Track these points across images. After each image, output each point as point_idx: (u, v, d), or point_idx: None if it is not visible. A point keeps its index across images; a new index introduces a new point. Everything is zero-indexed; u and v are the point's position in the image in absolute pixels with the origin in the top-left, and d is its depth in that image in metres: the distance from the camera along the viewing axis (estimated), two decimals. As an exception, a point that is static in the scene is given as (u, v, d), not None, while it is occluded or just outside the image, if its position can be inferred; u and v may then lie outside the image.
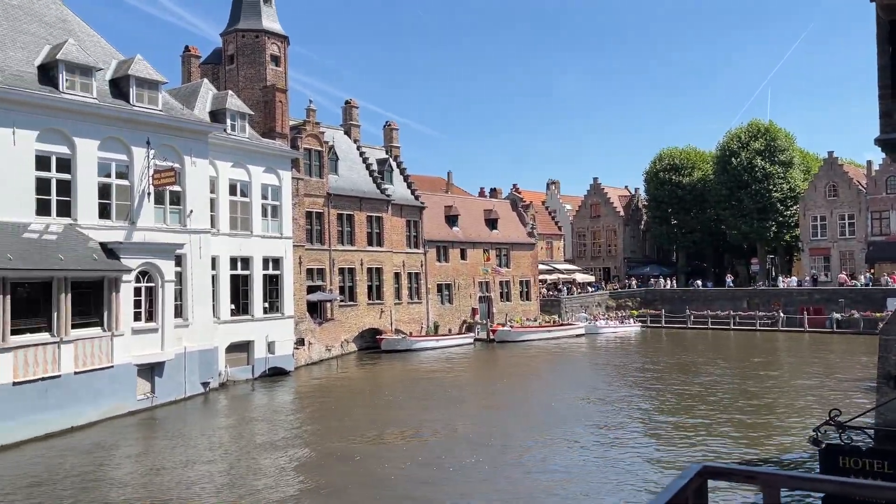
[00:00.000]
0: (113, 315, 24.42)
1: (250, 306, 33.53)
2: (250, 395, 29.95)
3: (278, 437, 22.14)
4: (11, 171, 23.04)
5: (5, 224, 22.59)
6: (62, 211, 24.65)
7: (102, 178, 25.90)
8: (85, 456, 19.95)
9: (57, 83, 24.67)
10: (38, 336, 21.90)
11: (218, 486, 16.99)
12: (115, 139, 26.21)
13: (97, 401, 23.56)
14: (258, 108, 36.81)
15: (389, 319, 45.43)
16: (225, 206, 32.32)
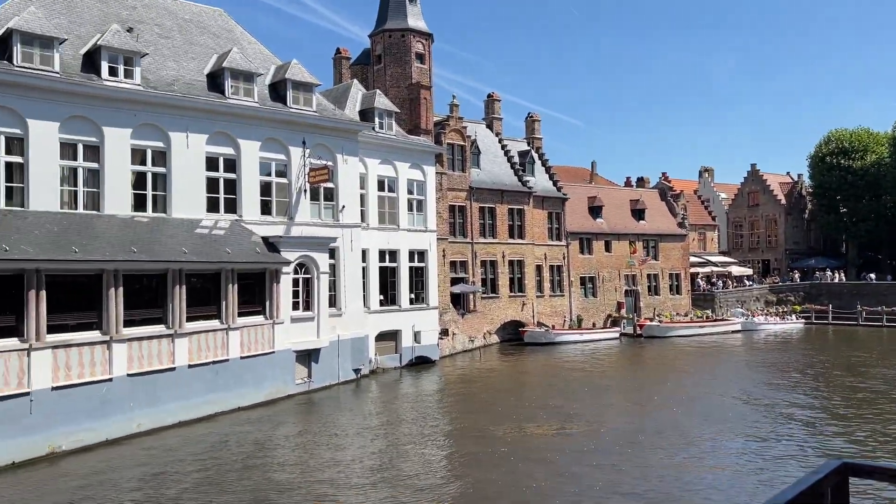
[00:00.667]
0: (274, 304, 26.18)
1: (397, 297, 34.72)
2: (398, 383, 31.05)
3: (426, 423, 22.80)
4: (186, 171, 25.30)
5: (181, 220, 24.85)
6: (229, 208, 26.75)
7: (264, 177, 27.82)
8: (250, 434, 21.59)
9: (223, 89, 26.76)
10: (209, 323, 23.91)
11: (368, 469, 17.78)
12: (275, 140, 28.06)
13: (260, 384, 25.40)
14: (404, 106, 37.94)
15: (531, 312, 45.33)
16: (374, 202, 33.66)
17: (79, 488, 16.46)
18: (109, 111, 23.52)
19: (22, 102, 21.73)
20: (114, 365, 20.60)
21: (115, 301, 20.74)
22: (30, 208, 21.67)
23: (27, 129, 21.78)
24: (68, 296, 19.92)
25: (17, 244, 18.95)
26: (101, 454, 19.27)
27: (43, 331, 18.92)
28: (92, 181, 23.40)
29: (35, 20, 22.37)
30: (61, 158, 22.65)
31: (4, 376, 18.03)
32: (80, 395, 19.65)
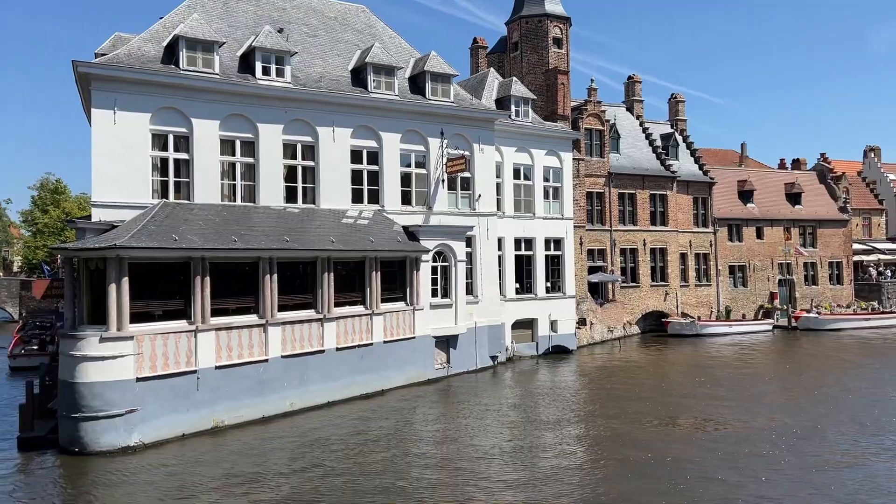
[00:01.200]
0: (414, 291, 26.90)
1: (533, 285, 34.59)
2: (535, 371, 30.98)
3: (562, 413, 22.61)
4: (333, 164, 26.48)
5: (328, 211, 26.08)
6: (372, 198, 27.74)
7: (404, 168, 28.59)
8: (393, 415, 22.38)
9: (366, 84, 27.71)
10: (354, 309, 24.97)
11: (505, 457, 17.90)
12: (414, 132, 28.73)
13: (402, 367, 26.24)
14: (540, 92, 37.57)
15: (675, 302, 43.61)
16: (509, 190, 33.66)
17: (238, 458, 17.79)
18: (263, 109, 25.05)
19: (187, 103, 23.62)
20: (269, 347, 22.03)
21: (270, 287, 22.14)
22: (195, 201, 23.56)
23: (192, 127, 23.66)
24: (228, 282, 21.48)
25: (184, 234, 20.67)
26: (258, 429, 20.72)
27: (207, 314, 20.57)
28: (248, 175, 25.06)
29: (198, 26, 24.19)
30: (221, 154, 24.43)
31: (175, 355, 19.79)
32: (239, 375, 21.21)
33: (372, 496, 15.00)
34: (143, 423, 18.87)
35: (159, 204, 22.47)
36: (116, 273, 18.75)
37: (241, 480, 16.11)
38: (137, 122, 22.70)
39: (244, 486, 15.71)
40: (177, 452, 18.56)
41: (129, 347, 18.76)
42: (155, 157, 23.23)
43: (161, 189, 23.35)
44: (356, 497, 14.93)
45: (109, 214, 21.92)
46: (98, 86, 22.20)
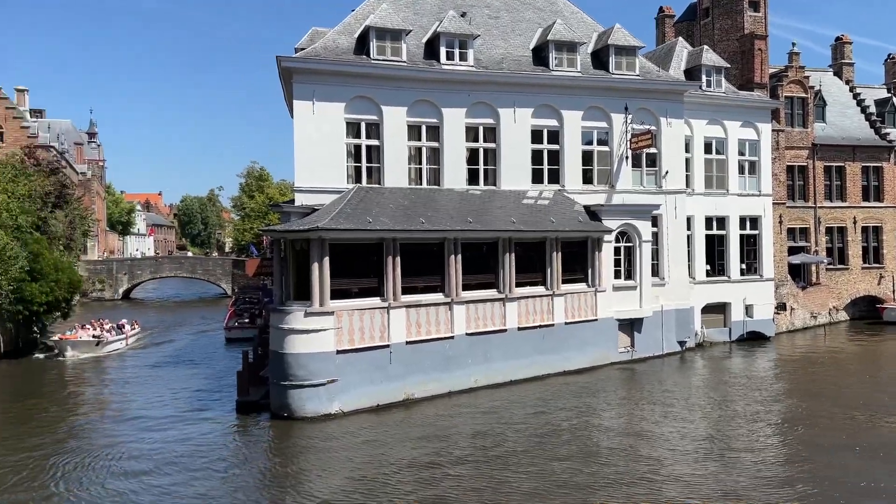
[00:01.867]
0: (596, 272, 26.40)
1: (726, 267, 32.58)
2: (727, 358, 29.27)
3: (758, 404, 21.19)
4: (514, 145, 26.58)
5: (509, 192, 26.24)
6: (552, 178, 27.50)
7: (585, 146, 28.02)
8: (575, 397, 22.23)
9: (547, 62, 27.42)
10: (535, 289, 25.01)
11: (696, 447, 17.13)
12: (597, 108, 28.01)
13: (583, 349, 25.92)
14: (734, 60, 35.07)
15: (891, 287, 39.10)
16: (699, 165, 31.86)
17: (427, 431, 18.58)
18: (447, 93, 25.66)
19: (377, 91, 24.76)
20: (455, 324, 22.71)
21: (455, 267, 22.76)
22: (385, 185, 24.74)
23: (382, 115, 24.79)
24: (417, 261, 22.37)
25: (377, 217, 21.80)
26: (445, 403, 21.50)
27: (398, 292, 21.59)
28: (433, 159, 25.84)
29: (387, 16, 25.21)
30: (409, 140, 25.39)
31: (370, 330, 21.01)
32: (428, 350, 22.09)
33: (557, 480, 15.00)
34: (343, 393, 20.27)
35: (354, 188, 23.84)
36: (319, 253, 20.20)
37: (428, 452, 16.82)
38: (333, 112, 24.18)
39: (431, 458, 16.37)
40: (372, 421, 19.76)
41: (330, 322, 20.19)
42: (349, 144, 24.64)
43: (355, 174, 24.74)
44: (541, 480, 15.00)
45: (310, 199, 23.60)
46: (299, 79, 23.90)
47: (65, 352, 32.21)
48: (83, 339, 33.15)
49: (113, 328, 36.58)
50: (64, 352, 32.24)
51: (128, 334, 37.40)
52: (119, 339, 35.97)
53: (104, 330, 35.22)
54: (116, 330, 36.77)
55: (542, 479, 14.70)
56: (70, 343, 32.54)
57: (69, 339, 33.02)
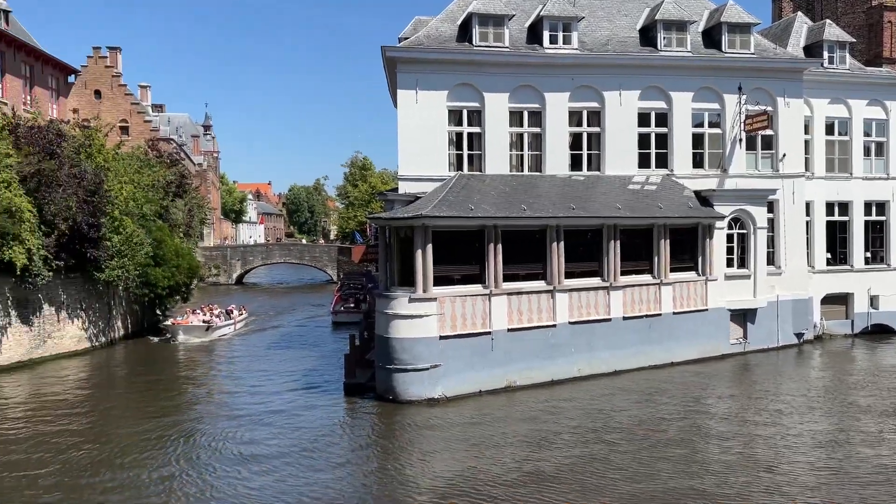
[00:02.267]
0: (707, 260, 25.38)
1: (848, 256, 30.55)
2: (849, 352, 27.51)
3: (886, 404, 19.77)
4: (619, 129, 25.89)
5: (614, 178, 25.62)
6: (660, 163, 26.62)
7: (695, 129, 26.92)
8: (683, 389, 21.52)
9: (655, 42, 26.48)
10: (641, 277, 24.34)
11: (816, 444, 16.20)
12: (708, 89, 26.82)
13: (692, 340, 25.01)
14: (860, 35, 32.72)
15: None
16: (820, 147, 29.95)
17: (528, 418, 18.50)
18: (550, 77, 25.27)
19: (479, 78, 24.71)
20: (557, 313, 22.44)
21: (557, 254, 22.47)
22: (486, 172, 24.70)
23: (484, 101, 24.72)
24: (518, 249, 22.24)
25: (479, 204, 21.81)
26: (548, 392, 21.33)
27: (500, 279, 21.55)
28: (535, 145, 25.56)
29: (489, 2, 25.06)
30: (510, 126, 25.22)
31: (472, 317, 21.09)
32: (530, 338, 21.95)
33: (661, 480, 14.58)
34: (445, 378, 20.49)
35: (455, 176, 23.95)
36: (422, 240, 20.44)
37: (530, 441, 16.74)
38: (436, 100, 24.33)
39: (534, 446, 16.29)
40: (474, 407, 19.87)
41: (433, 308, 20.42)
42: (451, 132, 24.74)
43: (456, 162, 24.84)
44: (644, 478, 14.62)
45: (413, 187, 23.90)
46: (402, 68, 24.19)
47: (177, 336, 33.37)
48: (194, 324, 34.34)
49: (222, 313, 37.62)
50: (176, 336, 33.40)
51: (236, 320, 38.40)
52: (227, 324, 36.94)
53: (213, 315, 36.30)
54: (225, 315, 37.78)
55: (646, 477, 14.26)
56: (182, 328, 33.76)
57: (181, 323, 34.25)
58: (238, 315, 39.29)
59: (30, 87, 42.93)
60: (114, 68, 66.38)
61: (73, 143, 31.33)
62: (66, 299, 30.14)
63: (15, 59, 41.32)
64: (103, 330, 32.66)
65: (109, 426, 18.97)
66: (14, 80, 41.05)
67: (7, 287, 26.81)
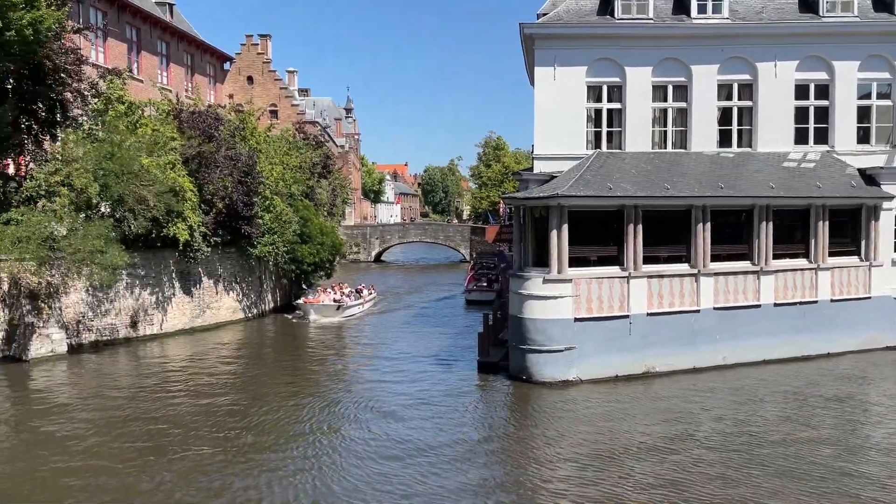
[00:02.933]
0: (871, 244, 23.30)
1: None
2: None
3: None
4: (772, 102, 24.13)
5: (766, 155, 23.98)
6: (819, 138, 24.59)
7: (861, 101, 24.60)
8: (840, 382, 19.99)
9: (816, 8, 24.36)
10: (795, 262, 22.71)
11: None
12: (878, 56, 24.35)
13: (852, 330, 23.09)
14: None
15: None
16: None
17: (666, 407, 17.85)
18: (697, 50, 23.94)
19: (621, 52, 23.83)
20: (701, 297, 21.42)
21: (703, 236, 21.39)
22: (626, 150, 23.89)
23: (625, 76, 23.85)
24: (660, 230, 21.38)
25: (618, 183, 21.15)
26: (689, 379, 20.47)
27: (639, 261, 20.83)
28: (680, 120, 24.38)
29: (632, -27, 24.05)
30: (653, 101, 24.19)
31: (609, 299, 20.57)
32: (670, 323, 21.11)
33: (810, 482, 13.55)
34: (580, 361, 20.16)
35: (594, 154, 23.34)
36: (557, 220, 20.13)
37: (667, 430, 16.14)
38: (574, 76, 23.76)
39: (670, 437, 15.69)
40: (610, 392, 19.45)
41: (568, 289, 20.10)
42: (589, 109, 24.10)
43: (594, 139, 24.19)
44: (790, 479, 13.64)
45: (549, 166, 23.55)
46: (541, 45, 23.79)
47: (308, 315, 33.52)
48: (325, 304, 34.17)
49: (352, 293, 37.43)
50: (308, 315, 33.55)
51: (365, 299, 38.21)
52: (357, 303, 36.64)
53: (344, 294, 36.12)
54: (355, 294, 37.53)
55: (792, 478, 13.24)
56: (313, 307, 33.72)
57: (312, 302, 34.21)
58: (367, 294, 39.25)
59: (191, 74, 46.34)
60: (264, 55, 70.26)
61: (228, 126, 33.54)
62: (222, 273, 32.48)
63: (178, 49, 44.68)
64: (255, 302, 34.93)
65: (260, 387, 20.29)
66: (177, 69, 44.43)
67: (171, 261, 29.27)
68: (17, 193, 24.95)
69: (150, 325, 28.35)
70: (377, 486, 12.88)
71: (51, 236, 22.97)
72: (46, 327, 23.83)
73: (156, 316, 28.70)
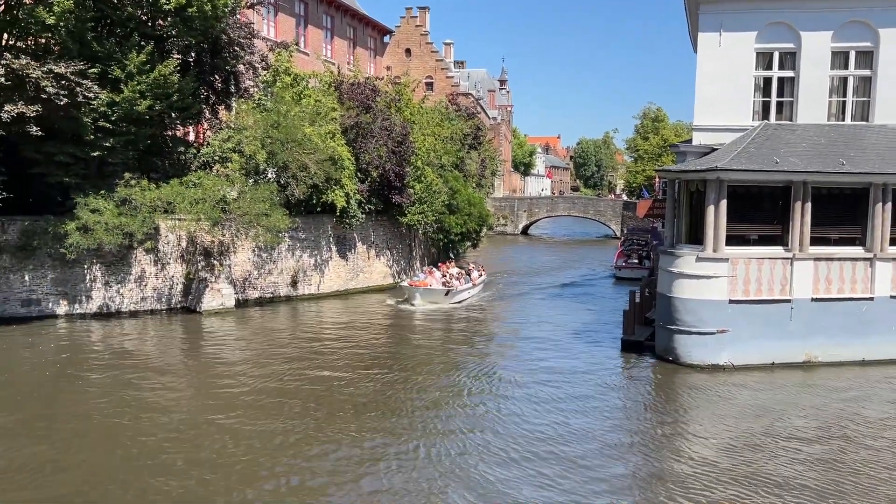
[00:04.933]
0: None
1: None
2: None
3: None
4: None
5: None
6: None
7: None
8: None
9: None
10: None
11: None
12: None
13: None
14: None
15: None
16: None
17: (829, 401, 16.51)
18: (888, 12, 21.47)
19: (796, 15, 21.83)
20: (876, 284, 19.48)
21: (883, 217, 19.38)
22: (797, 121, 22.00)
23: (800, 42, 21.89)
24: (831, 209, 19.64)
25: (786, 157, 19.57)
26: (856, 372, 18.83)
27: (806, 242, 19.26)
28: (862, 90, 22.07)
29: (814, -73, 21.91)
30: (831, 69, 22.05)
31: (769, 282, 19.23)
32: (838, 310, 19.40)
33: None
34: (733, 345, 19.06)
35: (760, 126, 21.72)
36: (715, 195, 19.02)
37: (823, 427, 14.94)
38: (742, 42, 22.11)
39: (826, 434, 14.51)
40: (764, 380, 18.31)
41: (723, 269, 19.01)
42: (757, 77, 22.38)
43: (762, 110, 22.45)
44: None
45: (709, 138, 22.21)
46: (706, 9, 22.34)
47: (413, 299, 29.40)
48: (434, 288, 30.14)
49: (461, 274, 32.61)
50: (413, 299, 29.44)
51: (475, 282, 33.11)
52: (467, 287, 31.94)
53: (453, 277, 31.73)
54: (465, 276, 32.65)
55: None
56: (420, 290, 29.49)
57: (419, 285, 29.93)
58: (477, 277, 33.91)
59: (353, 47, 48.18)
60: (423, 27, 71.56)
61: (385, 98, 34.61)
62: (374, 239, 33.85)
63: (342, 23, 46.56)
64: (405, 269, 36.14)
65: (410, 359, 21.02)
66: (341, 42, 46.35)
67: (329, 226, 30.88)
68: (195, 159, 27.32)
69: (308, 285, 30.18)
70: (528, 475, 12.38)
71: (223, 199, 24.97)
72: (218, 282, 26.05)
73: (314, 277, 30.50)
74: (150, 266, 25.36)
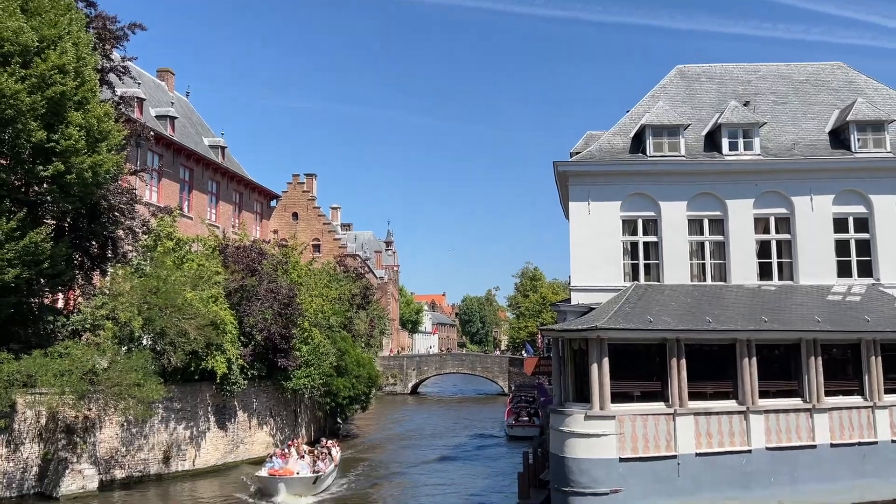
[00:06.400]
0: (930, 381, 22.16)
1: None
2: None
3: None
4: (812, 235, 23.98)
5: (809, 287, 23.52)
6: (863, 271, 24.12)
7: (903, 233, 24.29)
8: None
9: (848, 144, 24.71)
10: (849, 399, 21.58)
11: None
12: (917, 189, 24.33)
13: (920, 474, 21.52)
14: None
15: None
16: None
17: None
18: (731, 185, 24.23)
19: (654, 187, 24.22)
20: (752, 436, 20.35)
21: (749, 371, 20.65)
22: (665, 282, 23.70)
23: (660, 210, 24.10)
24: (703, 364, 20.73)
25: (658, 315, 20.82)
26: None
27: (685, 397, 20.07)
28: (718, 253, 24.27)
29: (663, 113, 24.93)
30: (689, 234, 24.24)
31: (655, 438, 19.67)
32: (721, 464, 19.96)
33: None
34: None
35: (631, 286, 23.20)
36: (598, 353, 19.72)
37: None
38: (609, 211, 24.10)
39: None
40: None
41: (611, 427, 19.34)
42: (625, 242, 24.24)
43: (632, 272, 24.13)
44: None
45: (586, 298, 23.42)
46: (574, 181, 24.38)
47: (276, 495, 23.72)
48: (302, 476, 24.53)
49: (323, 454, 27.24)
50: (275, 495, 23.74)
51: (336, 461, 27.92)
52: (332, 470, 26.96)
53: (315, 457, 26.37)
54: (328, 456, 27.36)
55: None
56: (284, 481, 23.95)
57: (282, 474, 24.24)
58: (336, 454, 28.58)
59: (238, 211, 48.36)
60: (310, 193, 73.20)
61: (271, 260, 34.46)
62: (257, 407, 32.22)
63: (227, 188, 46.94)
64: (289, 437, 34.29)
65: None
66: (226, 206, 46.48)
67: (208, 394, 29.22)
68: (64, 327, 25.58)
69: (182, 460, 27.90)
70: None
71: (92, 369, 23.24)
72: (80, 462, 23.62)
73: (189, 451, 28.30)
74: (1, 447, 22.70)
